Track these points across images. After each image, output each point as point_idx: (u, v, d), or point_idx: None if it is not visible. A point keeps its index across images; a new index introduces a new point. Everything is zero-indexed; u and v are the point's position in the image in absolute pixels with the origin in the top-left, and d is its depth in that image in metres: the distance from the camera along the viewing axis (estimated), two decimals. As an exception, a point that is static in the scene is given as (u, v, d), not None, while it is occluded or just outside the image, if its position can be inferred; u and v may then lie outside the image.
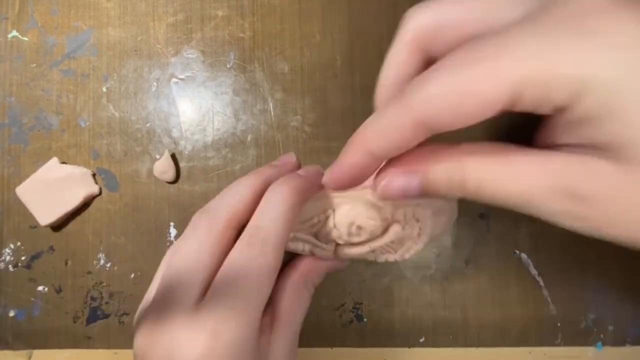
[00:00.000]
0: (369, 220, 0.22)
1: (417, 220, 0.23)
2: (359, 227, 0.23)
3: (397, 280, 0.29)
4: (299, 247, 0.25)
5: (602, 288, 0.28)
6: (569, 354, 0.28)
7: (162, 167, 0.29)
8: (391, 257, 0.24)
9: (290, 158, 0.25)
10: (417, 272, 0.29)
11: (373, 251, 0.24)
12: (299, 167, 0.25)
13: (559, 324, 0.28)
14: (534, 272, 0.28)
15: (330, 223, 0.23)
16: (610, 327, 0.28)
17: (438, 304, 0.29)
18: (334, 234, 0.23)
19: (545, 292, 0.28)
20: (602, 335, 0.28)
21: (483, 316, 0.28)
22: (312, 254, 0.25)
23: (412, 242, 0.24)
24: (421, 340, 0.29)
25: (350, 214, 0.22)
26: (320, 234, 0.24)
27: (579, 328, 0.28)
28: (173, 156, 0.30)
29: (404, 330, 0.29)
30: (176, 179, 0.30)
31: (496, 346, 0.28)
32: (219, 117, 0.30)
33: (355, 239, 0.23)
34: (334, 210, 0.23)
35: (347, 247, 0.24)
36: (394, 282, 0.29)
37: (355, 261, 0.29)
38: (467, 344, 0.28)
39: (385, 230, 0.23)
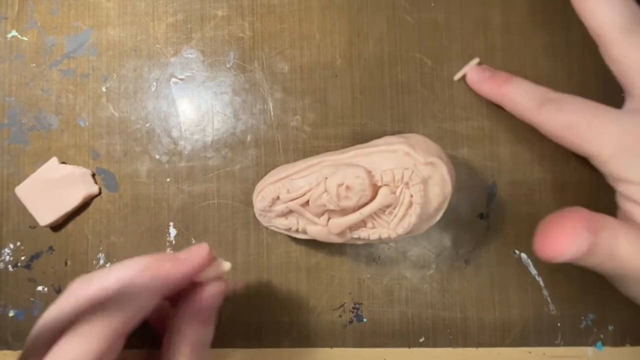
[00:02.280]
0: (356, 179, 0.23)
1: (407, 187, 0.23)
2: (348, 188, 0.23)
3: (397, 280, 0.29)
4: (292, 223, 0.25)
5: (602, 288, 0.28)
6: (569, 354, 0.28)
7: None
8: (384, 233, 0.24)
9: (199, 251, 0.23)
10: (417, 272, 0.29)
11: (365, 223, 0.24)
12: (208, 261, 0.23)
13: (559, 324, 0.28)
14: (534, 272, 0.28)
15: (321, 188, 0.24)
16: (610, 327, 0.28)
17: (438, 304, 0.29)
18: (324, 198, 0.24)
19: (545, 292, 0.28)
20: (602, 335, 0.28)
21: (483, 316, 0.28)
22: (304, 233, 0.25)
23: (403, 212, 0.24)
24: (421, 341, 0.29)
25: (339, 175, 0.23)
26: (311, 201, 0.24)
27: (579, 328, 0.28)
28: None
29: (403, 330, 0.29)
30: None
31: (496, 346, 0.28)
32: (218, 117, 0.30)
33: (345, 203, 0.23)
34: (325, 179, 0.24)
35: (339, 217, 0.24)
36: (393, 282, 0.29)
37: (355, 261, 0.29)
38: (466, 344, 0.28)
39: (374, 196, 0.24)
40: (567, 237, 0.20)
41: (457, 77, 0.29)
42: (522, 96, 0.25)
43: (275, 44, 0.30)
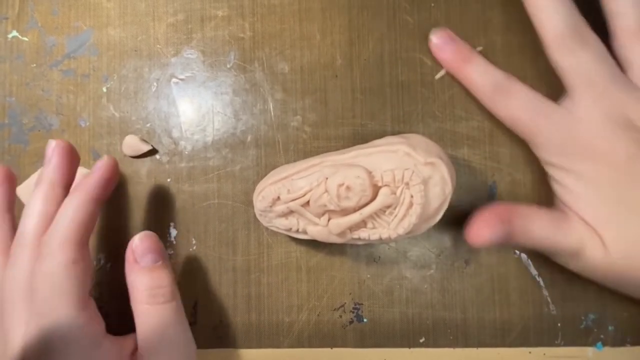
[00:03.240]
0: (356, 179, 0.23)
1: (408, 187, 0.23)
2: (348, 188, 0.23)
3: (397, 281, 0.29)
4: (292, 223, 0.25)
5: (602, 288, 0.28)
6: (569, 354, 0.28)
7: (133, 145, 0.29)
8: (384, 233, 0.24)
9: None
10: (417, 272, 0.29)
11: (365, 223, 0.24)
12: (115, 166, 0.27)
13: (559, 324, 0.28)
14: (534, 272, 0.28)
15: (322, 188, 0.24)
16: (610, 327, 0.28)
17: (438, 304, 0.29)
18: (325, 198, 0.24)
19: (545, 292, 0.28)
20: (602, 335, 0.28)
21: (483, 316, 0.28)
22: (305, 233, 0.25)
23: (404, 213, 0.24)
24: (421, 341, 0.29)
25: (339, 175, 0.23)
26: (312, 201, 0.24)
27: (579, 328, 0.28)
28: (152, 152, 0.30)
29: (404, 330, 0.29)
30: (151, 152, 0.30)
31: (496, 346, 0.28)
32: (219, 118, 0.30)
33: (345, 203, 0.24)
34: (326, 179, 0.24)
35: (339, 218, 0.24)
36: (394, 282, 0.29)
37: (355, 261, 0.29)
38: (467, 344, 0.28)
39: (375, 196, 0.24)
40: (483, 228, 0.24)
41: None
42: (478, 81, 0.27)
43: (275, 44, 0.30)
